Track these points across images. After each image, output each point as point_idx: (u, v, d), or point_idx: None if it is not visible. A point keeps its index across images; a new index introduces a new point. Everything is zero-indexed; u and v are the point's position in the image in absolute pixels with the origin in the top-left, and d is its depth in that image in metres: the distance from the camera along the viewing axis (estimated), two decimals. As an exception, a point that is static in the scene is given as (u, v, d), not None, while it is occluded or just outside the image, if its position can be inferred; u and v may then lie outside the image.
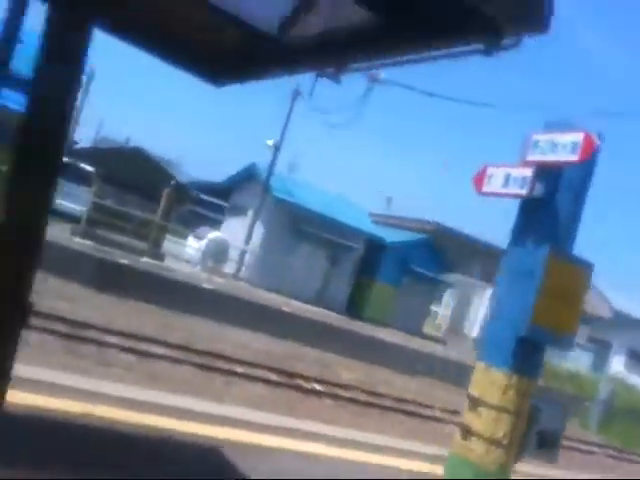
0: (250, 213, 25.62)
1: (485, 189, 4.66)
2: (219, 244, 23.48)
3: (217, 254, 23.30)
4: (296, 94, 25.46)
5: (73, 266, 16.68)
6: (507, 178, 4.48)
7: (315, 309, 23.81)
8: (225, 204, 30.45)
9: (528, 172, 4.27)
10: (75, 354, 10.90)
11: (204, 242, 23.25)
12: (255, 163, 27.01)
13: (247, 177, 27.31)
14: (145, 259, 18.79)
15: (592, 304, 54.78)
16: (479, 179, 4.73)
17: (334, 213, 25.64)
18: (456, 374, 22.81)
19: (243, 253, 24.75)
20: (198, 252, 23.19)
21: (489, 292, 36.36)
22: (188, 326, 16.21)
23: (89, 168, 23.89)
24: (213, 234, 23.64)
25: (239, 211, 27.19)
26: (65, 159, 23.43)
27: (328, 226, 25.40)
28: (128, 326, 13.85)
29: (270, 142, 26.11)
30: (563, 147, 4.12)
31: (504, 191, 4.51)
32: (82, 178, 23.49)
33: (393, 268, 27.65)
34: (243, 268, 24.74)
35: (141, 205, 21.36)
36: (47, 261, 10.88)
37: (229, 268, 24.62)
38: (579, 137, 4.03)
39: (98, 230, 18.35)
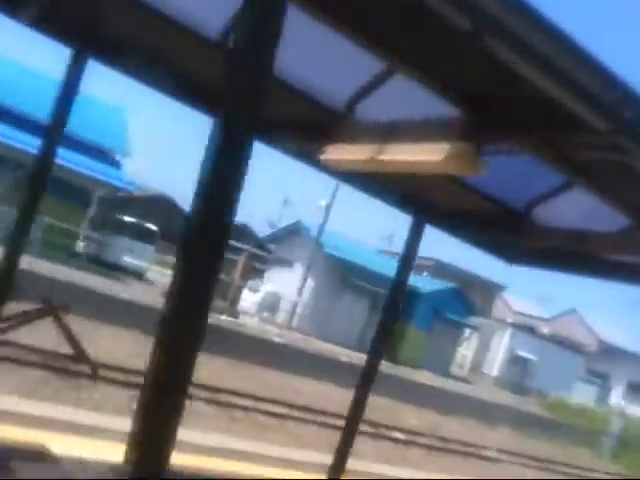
0: (298, 265, 27.75)
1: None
2: (273, 296, 25.55)
3: (271, 306, 25.34)
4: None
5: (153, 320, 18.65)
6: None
7: (358, 354, 25.85)
8: (264, 255, 32.58)
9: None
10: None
11: (260, 295, 25.26)
12: (300, 220, 29.26)
13: (292, 232, 29.53)
14: (224, 317, 20.84)
15: (580, 336, 57.32)
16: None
17: (375, 265, 27.85)
18: (493, 415, 25.08)
19: (295, 304, 26.80)
20: (254, 304, 25.19)
21: (508, 333, 38.72)
22: (278, 381, 18.23)
23: (152, 226, 25.96)
24: (267, 287, 25.66)
25: (284, 263, 29.32)
26: (130, 218, 25.61)
27: (370, 277, 27.58)
28: (222, 381, 15.74)
29: (323, 202, 28.44)
30: None
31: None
32: (145, 235, 25.57)
33: (425, 314, 29.84)
34: (295, 318, 26.79)
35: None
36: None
37: (280, 317, 26.68)
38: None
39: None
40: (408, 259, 5.42)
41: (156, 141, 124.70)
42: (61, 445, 4.80)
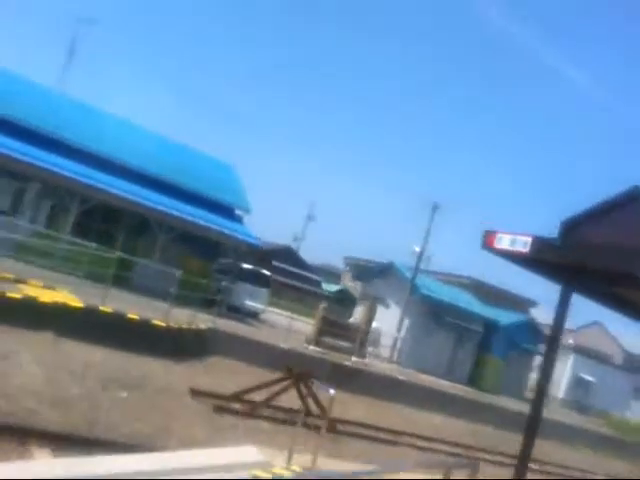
0: (390, 302, 30.92)
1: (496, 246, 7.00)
2: (375, 332, 28.66)
3: (374, 341, 28.47)
4: (435, 207, 31.31)
5: (307, 367, 21.86)
6: (513, 241, 6.82)
7: (447, 383, 28.96)
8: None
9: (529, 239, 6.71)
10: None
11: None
12: (393, 262, 32.50)
13: (384, 272, 32.76)
14: (354, 358, 24.00)
15: (606, 347, 59.77)
16: (490, 239, 7.03)
17: (461, 303, 31.04)
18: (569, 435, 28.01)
19: (396, 339, 29.95)
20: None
21: (572, 357, 41.66)
22: (413, 415, 21.32)
23: (267, 272, 29.26)
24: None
25: (377, 300, 32.47)
26: (248, 266, 28.83)
27: (457, 314, 30.76)
28: (379, 420, 18.80)
29: (417, 248, 31.73)
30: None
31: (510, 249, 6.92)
32: (261, 280, 28.82)
33: (503, 344, 32.94)
34: (395, 352, 29.95)
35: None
36: (287, 363, 16.75)
37: (382, 352, 29.83)
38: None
39: (323, 338, 23.61)
40: (559, 319, 7.86)
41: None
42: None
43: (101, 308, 16.34)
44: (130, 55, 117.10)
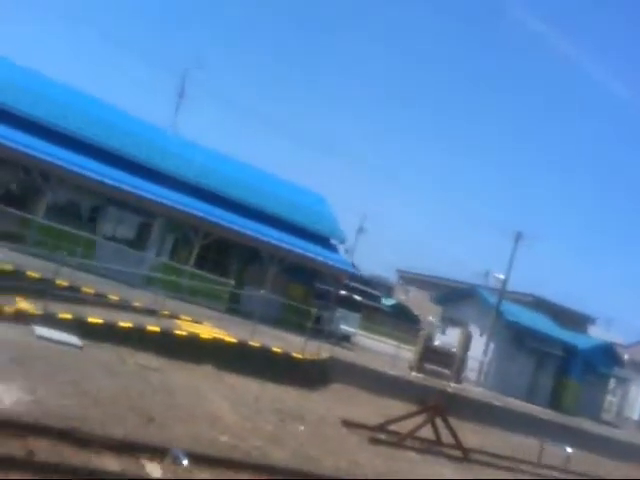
0: (471, 326, 32.12)
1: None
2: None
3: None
4: (518, 236, 32.47)
5: (415, 393, 23.22)
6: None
7: (536, 407, 30.01)
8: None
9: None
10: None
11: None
12: (477, 286, 33.77)
13: (467, 295, 34.05)
14: (453, 384, 25.34)
15: None
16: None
17: (542, 327, 32.12)
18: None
19: (482, 363, 31.15)
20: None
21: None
22: (516, 440, 22.49)
23: (358, 298, 30.79)
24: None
25: (455, 323, 33.73)
26: (343, 292, 30.38)
27: (538, 338, 31.84)
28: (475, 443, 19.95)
29: (501, 276, 32.94)
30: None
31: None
32: (354, 305, 30.35)
33: (581, 368, 33.86)
34: (481, 376, 31.14)
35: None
36: (397, 390, 18.17)
37: (468, 375, 31.03)
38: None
39: (425, 364, 25.04)
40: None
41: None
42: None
43: (250, 343, 18.02)
44: (228, 94, 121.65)
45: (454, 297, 35.22)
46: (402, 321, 52.66)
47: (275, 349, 18.57)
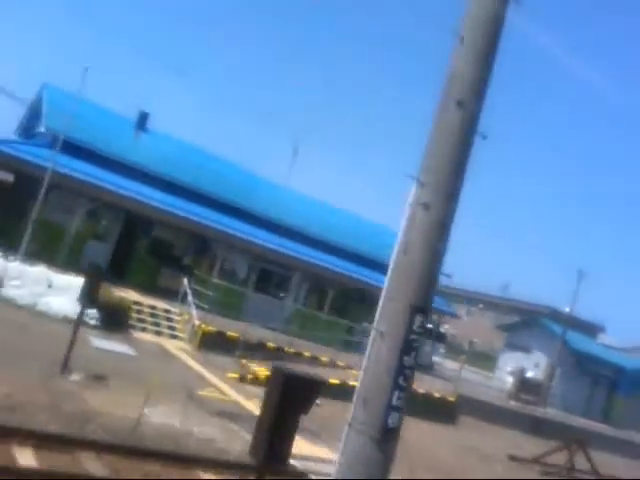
0: (534, 351, 36.53)
1: None
2: (530, 380, 34.22)
3: (530, 388, 34.04)
4: (581, 275, 37.09)
5: (521, 420, 27.50)
6: None
7: (600, 425, 34.43)
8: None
9: None
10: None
11: (518, 379, 33.89)
12: (540, 318, 38.18)
13: (529, 324, 38.43)
14: (541, 409, 29.64)
15: None
16: None
17: (598, 352, 36.61)
18: None
19: (549, 386, 35.52)
20: (513, 386, 33.87)
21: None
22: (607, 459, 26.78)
23: (442, 329, 34.99)
24: (529, 373, 34.34)
25: (518, 348, 38.13)
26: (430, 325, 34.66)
27: (594, 362, 36.35)
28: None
29: (567, 309, 37.37)
30: None
31: None
32: (438, 336, 34.53)
33: (629, 386, 38.47)
34: (549, 398, 35.51)
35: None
36: (508, 418, 22.90)
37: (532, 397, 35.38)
38: None
39: (520, 393, 29.33)
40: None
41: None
42: None
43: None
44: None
45: (519, 325, 39.61)
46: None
47: (420, 390, 22.70)
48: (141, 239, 25.28)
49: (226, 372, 18.01)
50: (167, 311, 21.06)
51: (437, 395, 23.58)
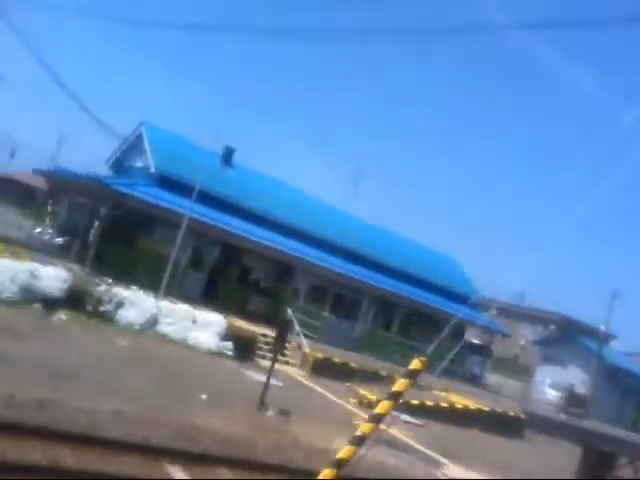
0: (568, 365, 38.87)
1: None
2: (575, 393, 36.56)
3: (573, 401, 36.40)
4: (616, 294, 39.54)
5: (574, 432, 29.72)
6: None
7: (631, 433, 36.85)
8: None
9: None
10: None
11: (561, 392, 36.25)
12: (577, 334, 40.57)
13: (563, 339, 40.77)
14: (585, 421, 31.93)
15: None
16: None
17: (629, 366, 39.07)
18: None
19: (588, 399, 37.87)
20: (557, 398, 36.22)
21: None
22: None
23: (486, 344, 37.16)
24: (570, 386, 36.62)
25: (554, 361, 40.47)
26: (475, 340, 36.76)
27: (625, 375, 38.81)
28: None
29: (603, 327, 39.75)
30: None
31: None
32: (482, 351, 36.72)
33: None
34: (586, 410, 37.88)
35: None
36: (564, 431, 25.44)
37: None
38: None
39: (569, 407, 31.61)
40: None
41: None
42: None
43: (482, 407, 24.32)
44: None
45: (554, 340, 42.01)
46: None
47: (487, 408, 24.83)
48: (232, 267, 27.12)
49: (347, 397, 19.99)
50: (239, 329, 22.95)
51: (511, 413, 25.74)
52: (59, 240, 25.97)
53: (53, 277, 16.58)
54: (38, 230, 27.28)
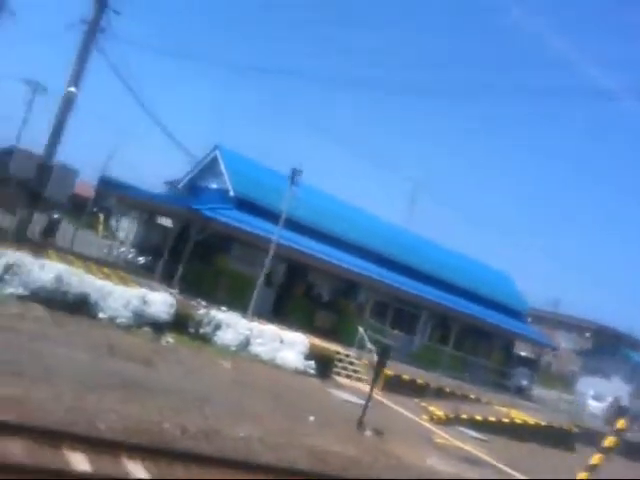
0: (615, 378, 39.88)
1: None
2: (617, 404, 37.60)
3: (618, 412, 37.40)
4: None
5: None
6: None
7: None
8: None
9: None
10: None
11: (607, 404, 37.30)
12: (619, 344, 41.61)
13: (606, 351, 41.81)
14: (630, 434, 32.98)
15: None
16: None
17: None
18: None
19: (632, 411, 38.85)
20: (603, 411, 37.26)
21: None
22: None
23: (533, 357, 38.39)
24: (611, 397, 37.72)
25: (594, 372, 41.48)
26: (523, 353, 37.97)
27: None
28: None
29: None
30: None
31: None
32: (530, 363, 37.97)
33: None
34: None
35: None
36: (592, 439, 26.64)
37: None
38: None
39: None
40: None
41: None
42: None
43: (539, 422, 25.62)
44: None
45: (596, 350, 43.05)
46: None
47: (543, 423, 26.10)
48: (298, 284, 28.70)
49: (420, 414, 21.46)
50: (347, 356, 24.45)
51: (565, 427, 27.03)
52: (141, 259, 27.73)
53: (161, 302, 18.23)
54: (122, 249, 29.03)
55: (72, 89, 20.66)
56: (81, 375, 12.13)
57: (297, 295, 28.69)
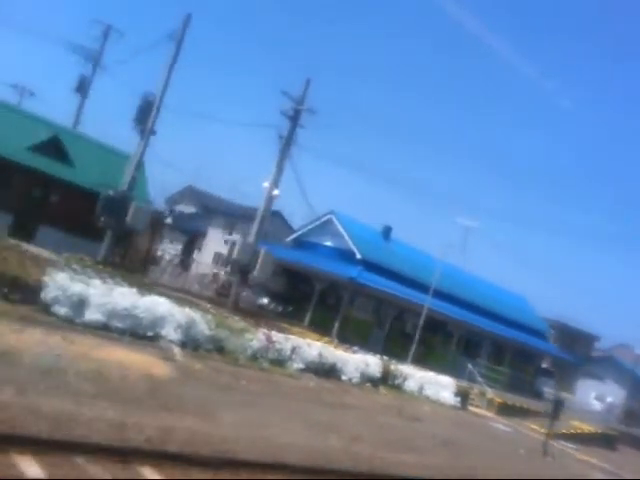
0: (610, 382, 48.47)
1: None
2: (613, 406, 46.21)
3: (633, 415, 46.00)
4: None
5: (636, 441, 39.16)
6: None
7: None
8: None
9: None
10: None
11: (606, 404, 45.82)
12: (614, 356, 50.14)
13: (604, 361, 50.34)
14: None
15: None
16: None
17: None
18: None
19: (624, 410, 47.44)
20: (603, 410, 45.79)
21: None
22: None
23: (550, 368, 46.37)
24: (610, 398, 46.26)
25: (591, 376, 49.98)
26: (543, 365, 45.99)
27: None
28: None
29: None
30: None
31: None
32: (549, 374, 46.02)
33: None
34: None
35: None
36: (636, 443, 35.66)
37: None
38: None
39: (627, 419, 41.00)
40: None
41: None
42: None
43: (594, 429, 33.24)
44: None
45: (594, 359, 51.72)
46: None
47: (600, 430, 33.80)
48: (400, 324, 35.23)
49: (540, 433, 28.48)
50: (459, 386, 31.19)
51: (609, 432, 34.87)
52: (279, 308, 33.40)
53: (375, 364, 24.35)
54: (264, 301, 34.30)
55: (276, 192, 26.16)
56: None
57: (399, 334, 35.18)
